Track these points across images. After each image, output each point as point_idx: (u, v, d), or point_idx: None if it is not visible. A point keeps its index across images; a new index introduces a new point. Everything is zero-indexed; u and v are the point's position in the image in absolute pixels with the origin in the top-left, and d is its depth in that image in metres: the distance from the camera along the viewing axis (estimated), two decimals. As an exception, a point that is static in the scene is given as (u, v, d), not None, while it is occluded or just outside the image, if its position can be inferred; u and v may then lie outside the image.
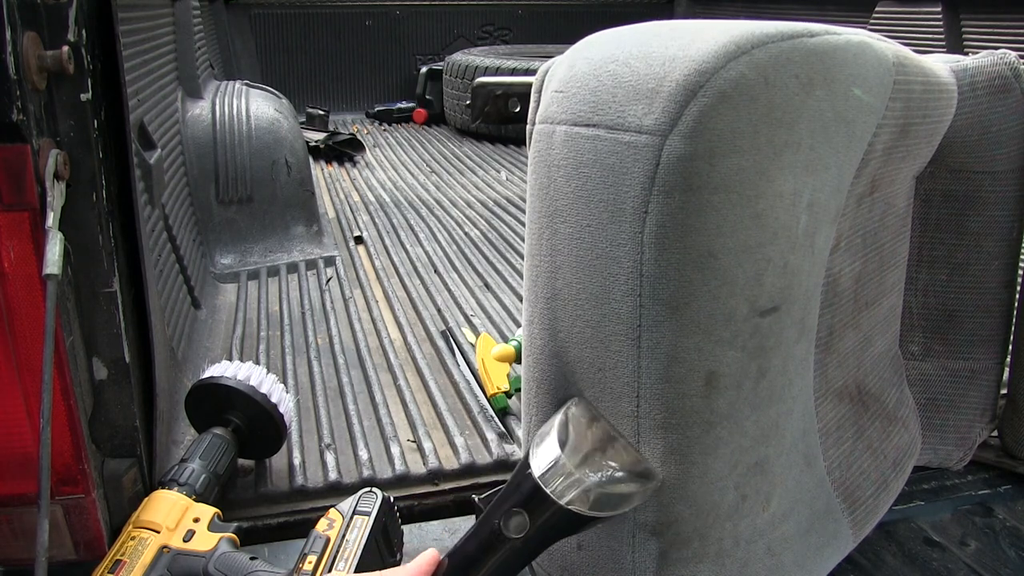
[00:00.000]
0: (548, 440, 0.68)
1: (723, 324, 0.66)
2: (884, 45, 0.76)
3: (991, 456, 1.18)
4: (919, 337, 1.09)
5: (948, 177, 1.03)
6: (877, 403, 0.97)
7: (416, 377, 1.45)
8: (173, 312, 1.39)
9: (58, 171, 0.83)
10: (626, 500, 0.69)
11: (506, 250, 2.10)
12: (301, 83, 4.03)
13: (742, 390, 0.69)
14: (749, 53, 0.63)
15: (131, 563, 0.87)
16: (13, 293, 0.82)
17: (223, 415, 1.10)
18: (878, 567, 1.00)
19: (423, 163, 3.18)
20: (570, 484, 0.65)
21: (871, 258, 0.90)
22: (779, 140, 0.65)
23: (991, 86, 0.98)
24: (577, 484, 0.65)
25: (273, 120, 2.12)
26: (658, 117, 0.63)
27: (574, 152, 0.68)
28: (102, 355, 0.94)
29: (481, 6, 4.30)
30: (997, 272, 1.07)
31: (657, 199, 0.63)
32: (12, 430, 0.86)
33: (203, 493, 0.98)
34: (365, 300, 1.80)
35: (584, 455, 0.68)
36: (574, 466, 0.66)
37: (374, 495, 0.91)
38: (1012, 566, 1.00)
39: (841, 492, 0.88)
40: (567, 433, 0.68)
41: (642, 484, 0.69)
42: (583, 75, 0.69)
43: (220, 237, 1.99)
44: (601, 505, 0.66)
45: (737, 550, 0.75)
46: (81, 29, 0.87)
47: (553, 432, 0.68)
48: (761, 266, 0.67)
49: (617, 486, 0.68)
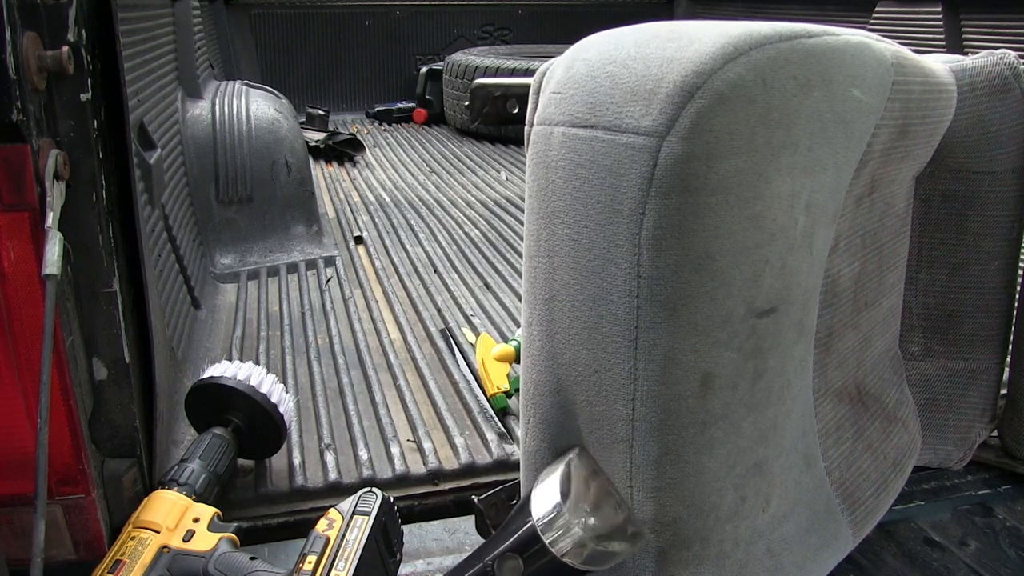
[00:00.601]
0: (550, 489, 0.70)
1: (720, 325, 0.66)
2: (883, 45, 0.76)
3: (991, 456, 1.18)
4: (919, 337, 1.09)
5: (948, 177, 1.03)
6: (877, 403, 0.97)
7: (416, 377, 1.45)
8: (173, 312, 1.39)
9: (58, 171, 0.83)
10: (613, 558, 0.71)
11: (506, 250, 2.10)
12: (301, 83, 4.03)
13: (738, 391, 0.69)
14: (747, 54, 0.63)
15: (131, 563, 0.87)
16: (13, 293, 0.82)
17: (223, 415, 1.10)
18: (878, 567, 1.00)
19: (423, 163, 3.18)
20: (567, 537, 0.68)
21: (870, 258, 0.90)
22: (777, 141, 0.65)
23: (991, 86, 0.98)
24: (574, 538, 0.68)
25: (273, 120, 2.12)
26: (656, 118, 0.63)
27: (572, 153, 0.68)
28: (102, 355, 0.94)
29: (481, 6, 4.30)
30: (997, 272, 1.06)
31: (654, 200, 0.63)
32: (12, 430, 0.86)
33: (203, 493, 0.98)
34: (365, 300, 1.80)
35: (583, 510, 0.70)
36: (573, 520, 0.68)
37: (374, 495, 0.91)
38: (1012, 566, 1.00)
39: (841, 492, 0.88)
40: (569, 486, 0.70)
41: (631, 544, 0.71)
42: (581, 76, 0.69)
43: (220, 237, 1.99)
44: (592, 561, 0.69)
45: (737, 551, 0.75)
46: (81, 29, 0.87)
47: (555, 482, 0.70)
48: (759, 267, 0.67)
49: (610, 544, 0.70)
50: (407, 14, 4.21)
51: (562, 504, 0.69)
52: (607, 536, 0.70)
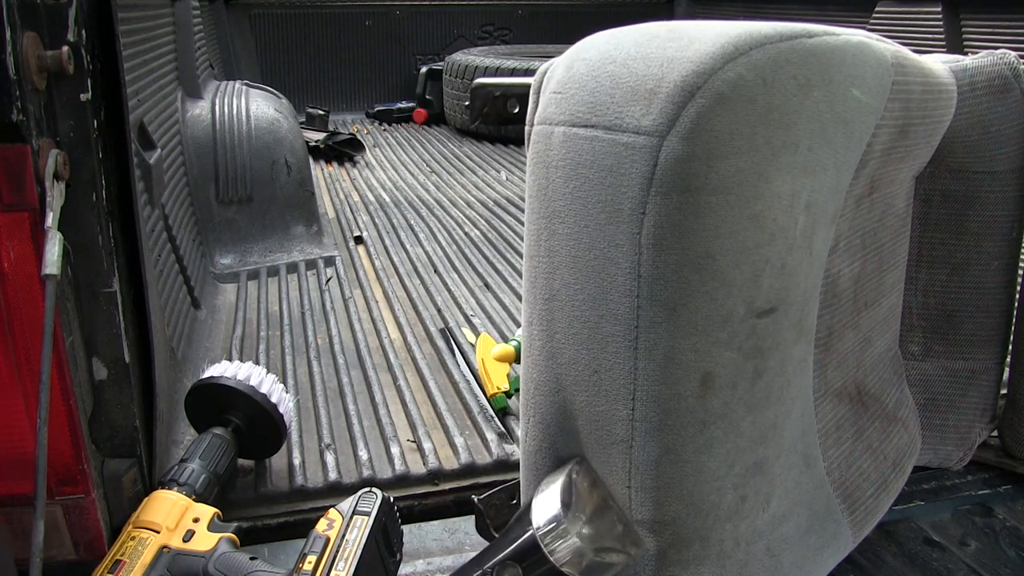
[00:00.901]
0: (551, 498, 0.71)
1: (720, 325, 0.66)
2: (883, 46, 0.76)
3: (991, 456, 1.18)
4: (919, 337, 1.09)
5: (948, 177, 1.03)
6: (877, 403, 0.97)
7: (416, 377, 1.45)
8: (173, 312, 1.39)
9: (58, 171, 0.83)
10: (611, 568, 0.71)
11: (506, 250, 2.10)
12: (301, 83, 4.03)
13: (737, 390, 0.69)
14: (747, 54, 0.63)
15: (131, 563, 0.87)
16: (13, 293, 0.82)
17: (223, 415, 1.10)
18: (878, 567, 1.00)
19: (423, 163, 3.18)
20: (567, 546, 0.68)
21: (870, 258, 0.90)
22: (777, 141, 0.65)
23: (991, 86, 0.98)
24: (573, 548, 0.68)
25: (273, 120, 2.12)
26: (656, 118, 0.63)
27: (572, 153, 0.68)
28: (102, 355, 0.94)
29: (481, 6, 4.30)
30: (997, 272, 1.06)
31: (655, 200, 0.63)
32: (12, 430, 0.86)
33: (203, 493, 0.98)
34: (365, 300, 1.80)
35: (583, 520, 0.70)
36: (574, 530, 0.68)
37: (374, 495, 0.91)
38: (1012, 566, 1.00)
39: (841, 493, 0.88)
40: (570, 496, 0.71)
41: (627, 555, 0.72)
42: (581, 76, 0.69)
43: (220, 237, 1.99)
44: (590, 571, 0.69)
45: (737, 551, 0.75)
46: (81, 29, 0.87)
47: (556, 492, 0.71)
48: (759, 267, 0.67)
49: (608, 555, 0.70)
50: (407, 14, 4.21)
51: (563, 513, 0.69)
52: (606, 546, 0.70)
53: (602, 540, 0.70)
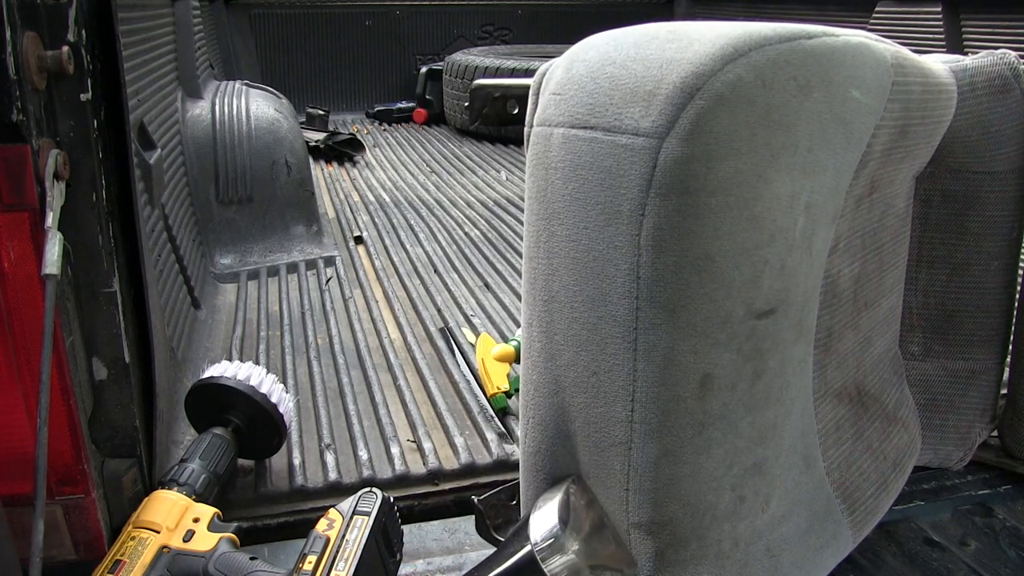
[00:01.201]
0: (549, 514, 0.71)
1: (720, 326, 0.66)
2: (883, 46, 0.76)
3: (991, 456, 1.18)
4: (919, 337, 1.09)
5: (948, 177, 1.03)
6: (877, 404, 0.97)
7: (416, 377, 1.45)
8: (173, 312, 1.39)
9: (58, 171, 0.83)
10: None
11: (506, 250, 2.10)
12: (301, 83, 4.03)
13: (736, 392, 0.69)
14: (746, 56, 0.63)
15: (131, 563, 0.87)
16: (13, 293, 0.82)
17: (223, 415, 1.10)
18: (878, 567, 1.00)
19: (423, 163, 3.18)
20: (563, 562, 0.69)
21: (870, 259, 0.90)
22: (776, 142, 0.65)
23: (991, 86, 0.98)
24: (569, 564, 0.69)
25: (273, 120, 2.12)
26: (655, 119, 0.63)
27: (571, 154, 0.68)
28: (102, 355, 0.94)
29: (481, 6, 4.30)
30: (997, 272, 1.06)
31: (654, 202, 0.63)
32: (12, 430, 0.86)
33: (203, 493, 0.98)
34: (365, 300, 1.80)
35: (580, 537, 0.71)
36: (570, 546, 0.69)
37: (374, 495, 0.91)
38: (1012, 566, 1.00)
39: (841, 493, 0.88)
40: (568, 512, 0.71)
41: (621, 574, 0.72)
42: (580, 77, 0.69)
43: (220, 237, 1.99)
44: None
45: (736, 551, 0.75)
46: (81, 29, 0.87)
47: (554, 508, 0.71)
48: (758, 268, 0.67)
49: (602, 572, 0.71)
50: (407, 14, 4.21)
51: (561, 529, 0.70)
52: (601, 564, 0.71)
53: (597, 557, 0.71)
